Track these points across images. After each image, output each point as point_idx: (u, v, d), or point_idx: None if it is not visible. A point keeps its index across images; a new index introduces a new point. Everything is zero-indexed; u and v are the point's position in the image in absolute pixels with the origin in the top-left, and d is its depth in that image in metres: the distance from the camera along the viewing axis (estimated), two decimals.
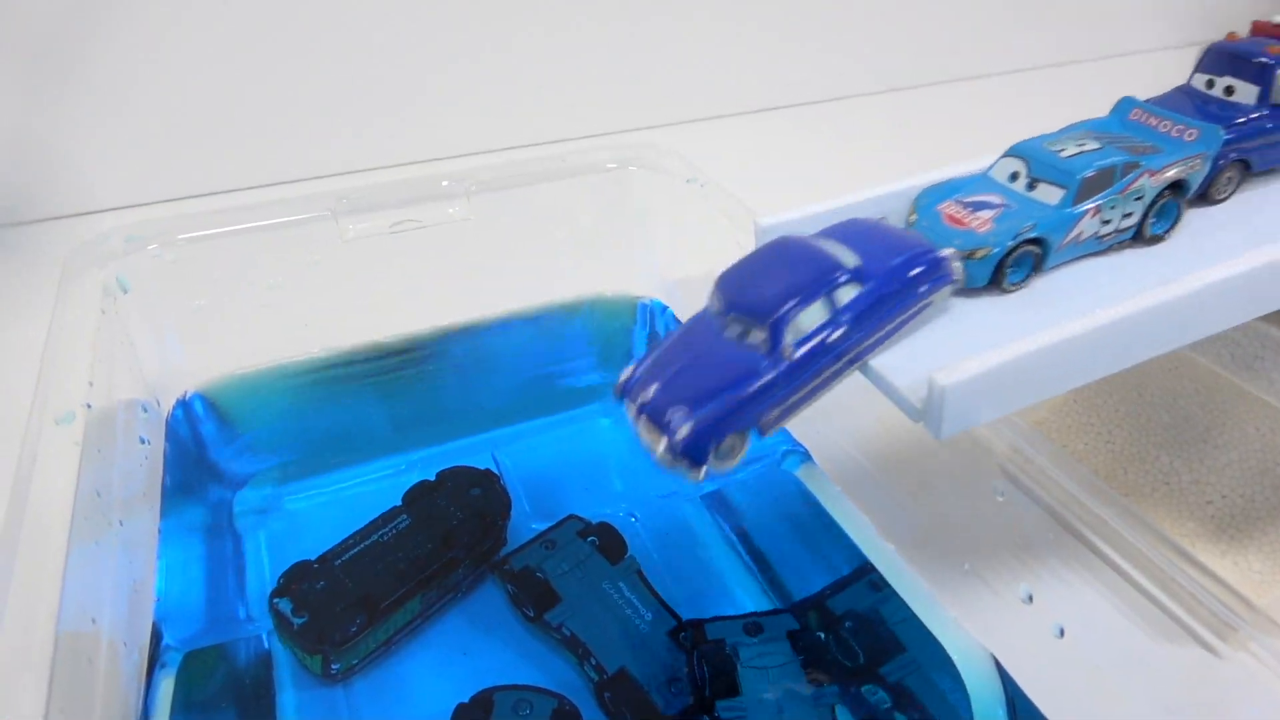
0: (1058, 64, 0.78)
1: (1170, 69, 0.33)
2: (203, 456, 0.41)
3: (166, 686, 0.31)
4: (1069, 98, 0.70)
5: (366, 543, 0.38)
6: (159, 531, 0.35)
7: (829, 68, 0.71)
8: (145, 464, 0.35)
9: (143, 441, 0.35)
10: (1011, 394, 0.24)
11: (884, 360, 0.25)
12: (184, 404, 0.40)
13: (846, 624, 0.35)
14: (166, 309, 0.39)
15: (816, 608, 0.36)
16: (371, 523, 0.38)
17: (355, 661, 0.34)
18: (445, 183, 0.43)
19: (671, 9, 0.64)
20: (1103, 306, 0.24)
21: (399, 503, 0.40)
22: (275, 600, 0.35)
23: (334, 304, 0.43)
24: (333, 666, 0.34)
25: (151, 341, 0.39)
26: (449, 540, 0.38)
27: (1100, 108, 0.31)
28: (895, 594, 0.34)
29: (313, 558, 0.36)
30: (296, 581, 0.35)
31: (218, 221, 0.40)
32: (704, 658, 0.33)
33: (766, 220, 0.29)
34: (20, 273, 0.50)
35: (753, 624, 0.35)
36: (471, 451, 0.44)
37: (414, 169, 0.61)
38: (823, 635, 0.35)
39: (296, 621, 0.34)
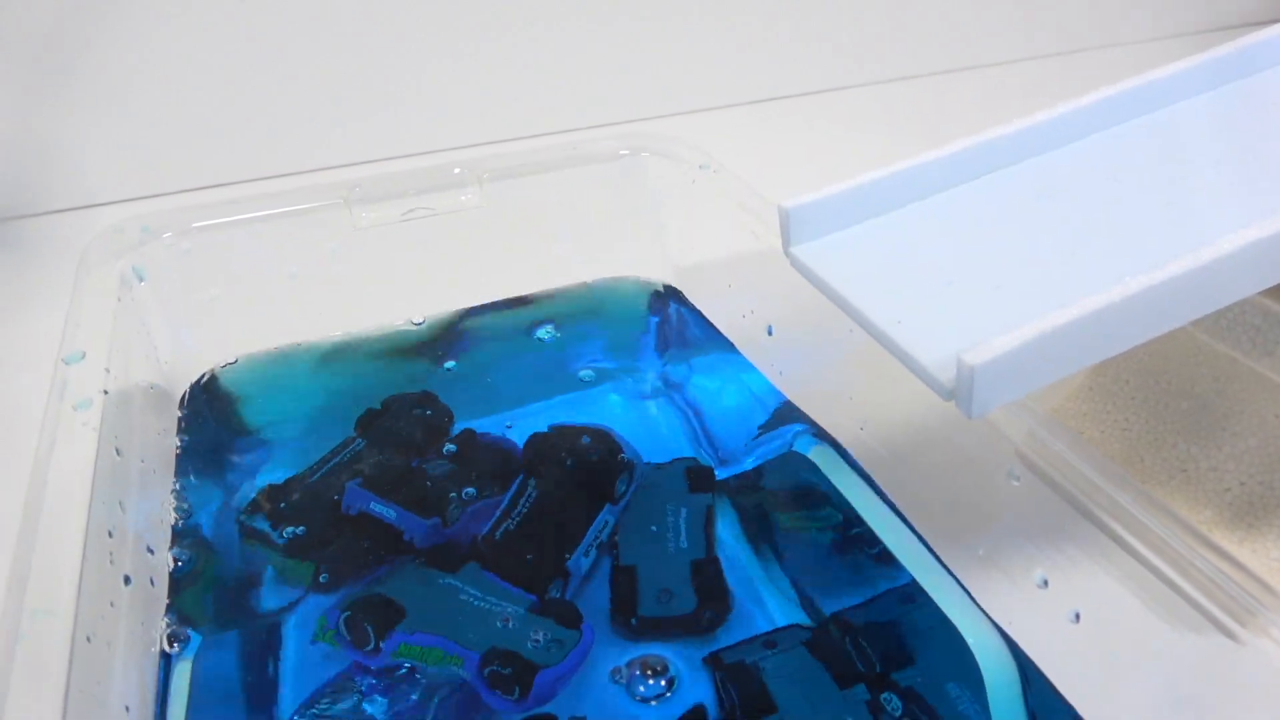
0: (1073, 51, 0.78)
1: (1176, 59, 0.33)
2: (219, 442, 0.41)
3: (183, 669, 0.31)
4: (1080, 85, 0.69)
5: (329, 465, 0.40)
6: (173, 513, 0.35)
7: (840, 56, 0.71)
8: (161, 450, 0.36)
9: (159, 432, 0.36)
10: (1043, 368, 0.23)
11: (910, 340, 0.24)
12: (199, 389, 0.41)
13: (866, 623, 0.35)
14: (182, 298, 0.40)
15: (834, 616, 0.36)
16: (330, 450, 0.40)
17: (344, 564, 0.36)
18: (457, 170, 0.43)
19: None
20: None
21: (351, 432, 0.42)
22: (253, 522, 0.37)
23: (348, 292, 0.43)
24: (321, 567, 0.36)
25: (167, 330, 0.39)
26: (405, 452, 0.40)
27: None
28: (919, 592, 0.33)
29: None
30: (270, 501, 0.37)
31: (231, 210, 0.40)
32: (729, 681, 0.33)
33: (791, 202, 0.28)
34: (34, 265, 0.50)
35: (767, 640, 0.34)
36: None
37: (422, 159, 0.61)
38: (840, 634, 0.35)
39: (278, 533, 0.36)
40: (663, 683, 0.33)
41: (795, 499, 0.41)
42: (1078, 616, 0.28)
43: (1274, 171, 0.29)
